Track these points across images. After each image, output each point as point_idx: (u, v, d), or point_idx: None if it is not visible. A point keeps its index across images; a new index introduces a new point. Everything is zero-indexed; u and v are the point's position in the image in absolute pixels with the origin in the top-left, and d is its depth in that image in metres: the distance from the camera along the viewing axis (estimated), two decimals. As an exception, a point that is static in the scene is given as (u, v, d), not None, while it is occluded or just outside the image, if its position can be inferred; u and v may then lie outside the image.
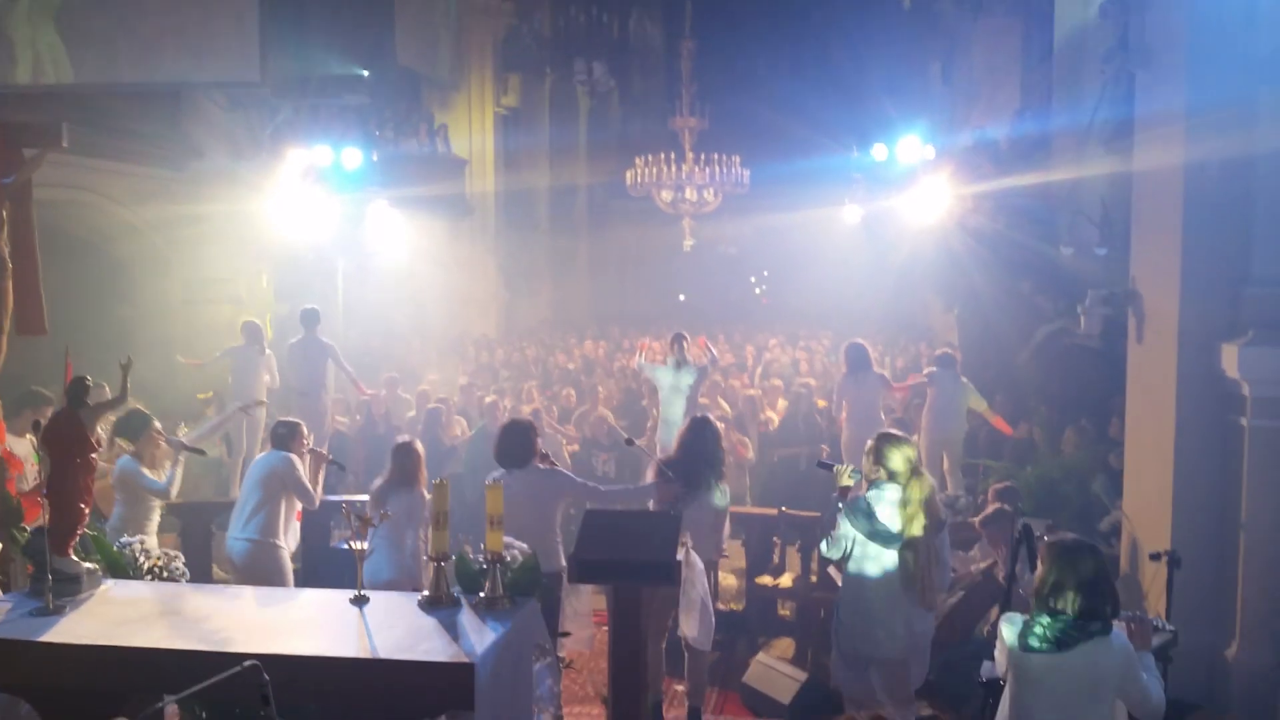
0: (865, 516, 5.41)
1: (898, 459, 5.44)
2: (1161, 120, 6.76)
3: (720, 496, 6.68)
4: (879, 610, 5.40)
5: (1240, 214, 6.28)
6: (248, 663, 3.10)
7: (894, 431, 5.85)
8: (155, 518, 7.36)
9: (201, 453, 7.89)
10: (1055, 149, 12.17)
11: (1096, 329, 7.42)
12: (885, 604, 5.38)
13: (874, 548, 5.38)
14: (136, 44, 8.60)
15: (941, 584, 5.61)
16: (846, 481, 5.59)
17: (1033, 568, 4.21)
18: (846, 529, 5.46)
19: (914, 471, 5.43)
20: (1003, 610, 6.57)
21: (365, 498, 7.29)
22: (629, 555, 5.39)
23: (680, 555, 5.45)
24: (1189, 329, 6.44)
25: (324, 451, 7.61)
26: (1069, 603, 3.74)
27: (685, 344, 10.45)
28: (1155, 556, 5.71)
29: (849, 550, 5.50)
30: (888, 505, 5.40)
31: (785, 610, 8.46)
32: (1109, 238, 7.88)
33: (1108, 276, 8.98)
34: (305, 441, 7.24)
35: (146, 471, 7.13)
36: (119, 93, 9.70)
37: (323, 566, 7.88)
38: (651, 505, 6.67)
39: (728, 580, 9.27)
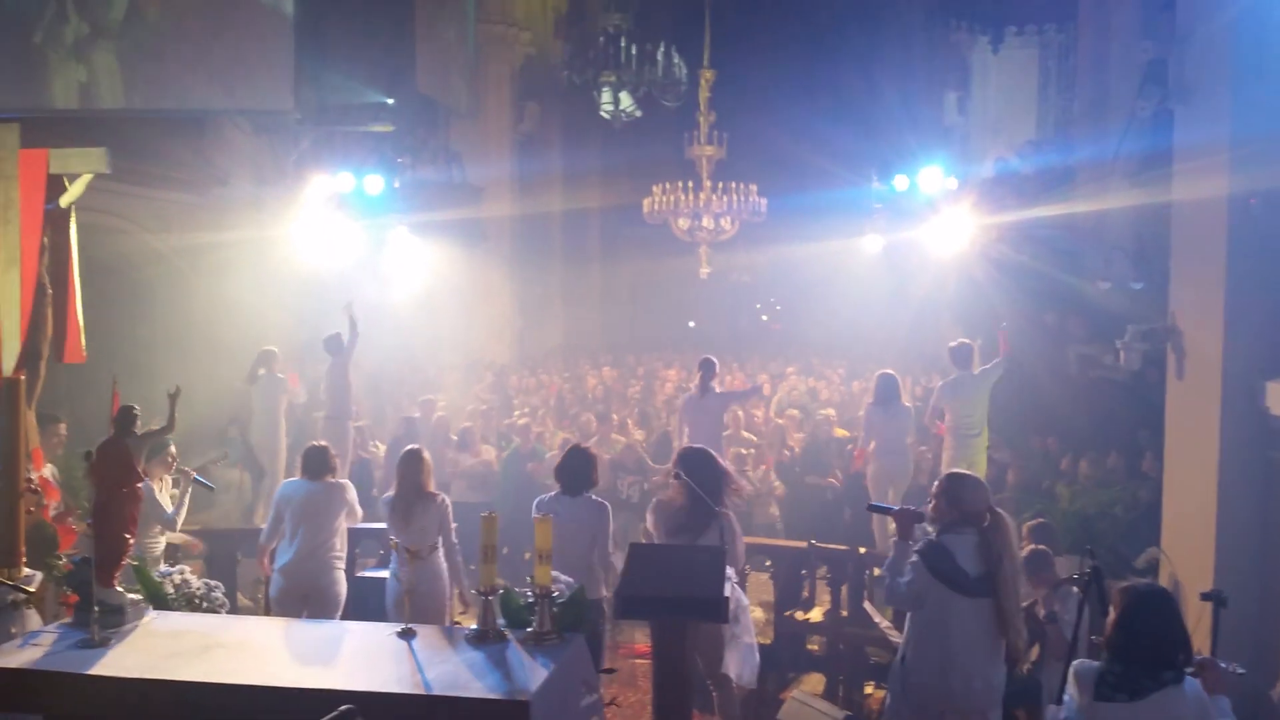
0: (948, 561, 4.98)
1: (976, 500, 5.07)
2: (1202, 153, 6.76)
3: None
4: (961, 660, 4.99)
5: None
6: (344, 707, 3.04)
7: (964, 471, 5.46)
8: (161, 543, 7.34)
9: (210, 488, 7.84)
10: (1079, 180, 12.20)
11: (1136, 364, 7.38)
12: (967, 654, 4.99)
13: (955, 596, 4.95)
14: (172, 71, 8.65)
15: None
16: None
17: (1103, 613, 4.13)
18: (923, 577, 5.00)
19: (992, 513, 5.07)
20: (1044, 650, 6.56)
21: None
22: (675, 590, 5.30)
23: (727, 591, 5.38)
24: (1232, 366, 6.42)
25: (189, 471, 7.45)
26: (1142, 650, 3.67)
27: (713, 374, 10.20)
28: (1206, 596, 5.64)
29: (923, 598, 5.05)
30: (969, 549, 4.99)
31: (814, 645, 8.37)
32: (1145, 272, 7.86)
33: (1140, 310, 8.97)
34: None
35: (158, 496, 7.10)
36: (153, 120, 9.74)
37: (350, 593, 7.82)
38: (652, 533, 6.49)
39: (755, 613, 9.18)
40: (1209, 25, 6.73)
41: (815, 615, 8.27)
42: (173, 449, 7.39)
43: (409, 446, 7.12)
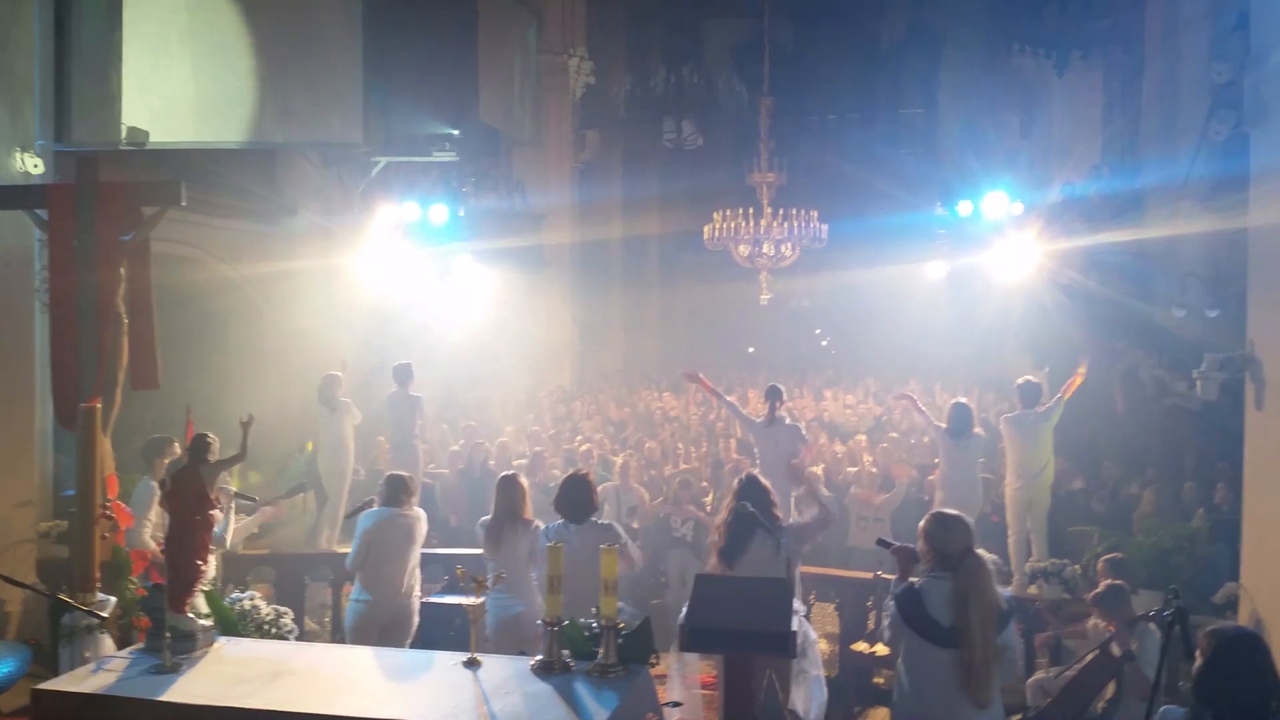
0: (918, 609, 4.76)
1: (953, 543, 4.78)
2: (1280, 178, 6.60)
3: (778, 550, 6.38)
4: (937, 710, 4.74)
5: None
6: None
7: (949, 511, 5.09)
8: (211, 565, 7.46)
9: (251, 500, 7.94)
10: (1148, 205, 11.98)
11: (1213, 395, 7.19)
12: (942, 704, 4.71)
13: (928, 645, 4.71)
14: (244, 105, 8.84)
15: (1007, 676, 4.96)
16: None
17: (1189, 656, 3.98)
18: (895, 623, 4.83)
19: (969, 556, 4.75)
20: (1120, 689, 6.38)
21: (461, 550, 7.28)
22: (743, 624, 5.25)
23: (795, 624, 5.32)
24: (1315, 395, 6.23)
25: (229, 489, 7.51)
26: (1232, 698, 3.53)
27: (780, 401, 10.09)
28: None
29: (901, 645, 4.87)
30: (941, 596, 4.71)
31: (880, 679, 8.24)
32: (1221, 298, 7.67)
33: (1216, 338, 8.75)
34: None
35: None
36: (225, 153, 9.97)
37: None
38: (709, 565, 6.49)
39: (820, 645, 9.07)
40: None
41: (881, 649, 8.13)
42: (176, 445, 7.60)
43: (506, 472, 7.19)
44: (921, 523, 5.01)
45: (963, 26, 21.28)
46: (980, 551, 4.88)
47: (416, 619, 7.01)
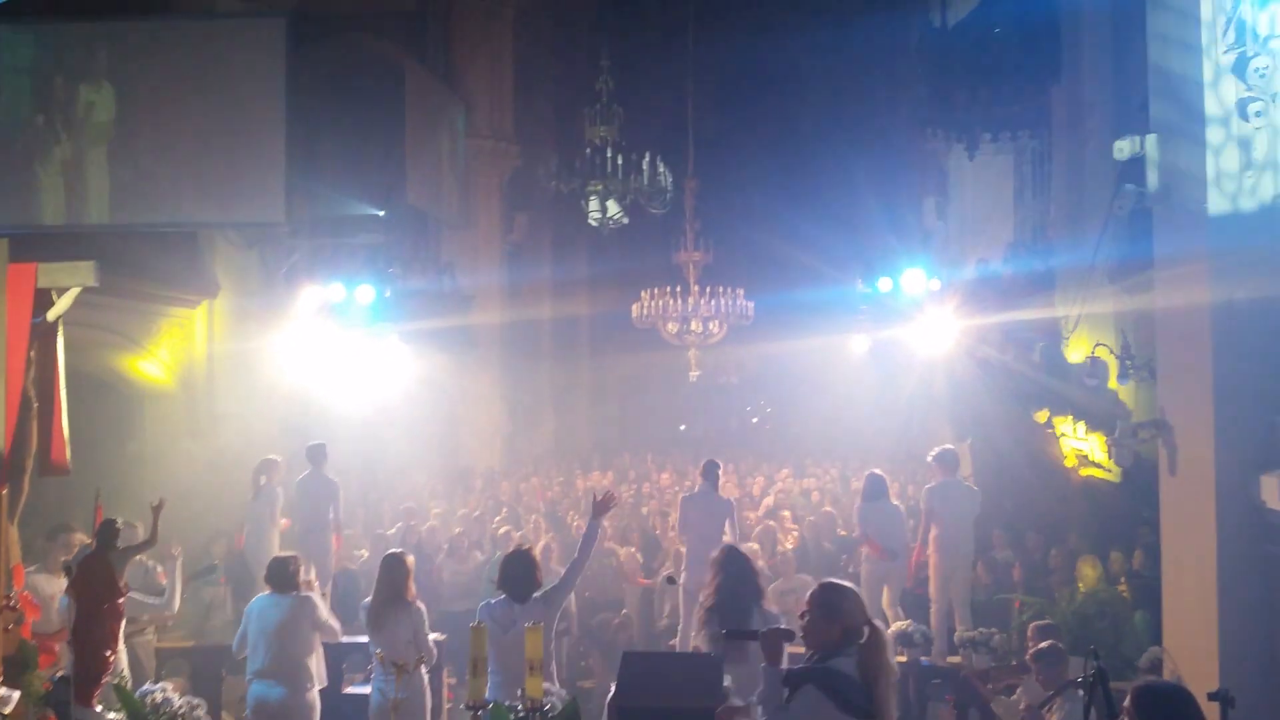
0: (850, 687, 4.25)
1: (855, 613, 4.38)
2: (1182, 259, 6.84)
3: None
4: None
5: (1273, 345, 6.31)
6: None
7: (837, 581, 4.64)
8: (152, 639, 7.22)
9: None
10: (1059, 283, 12.35)
11: (1127, 461, 7.36)
12: None
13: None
14: (163, 185, 8.75)
15: None
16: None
17: (1110, 717, 3.98)
18: (823, 709, 4.22)
19: (870, 627, 4.40)
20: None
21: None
22: (672, 700, 5.19)
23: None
24: (1225, 461, 6.40)
25: (176, 551, 7.47)
26: None
27: (717, 472, 10.01)
28: (1214, 696, 5.52)
29: None
30: (852, 670, 4.28)
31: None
32: (1132, 368, 7.91)
33: (1125, 407, 9.00)
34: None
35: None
36: (144, 233, 9.84)
37: (335, 711, 7.60)
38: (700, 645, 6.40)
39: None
40: (1183, 125, 6.89)
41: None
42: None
43: (390, 550, 7.02)
44: (810, 595, 4.51)
45: (880, 111, 22.03)
46: (904, 622, 4.85)
47: (310, 711, 6.65)
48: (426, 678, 6.54)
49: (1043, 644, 6.58)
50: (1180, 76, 6.95)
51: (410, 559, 6.85)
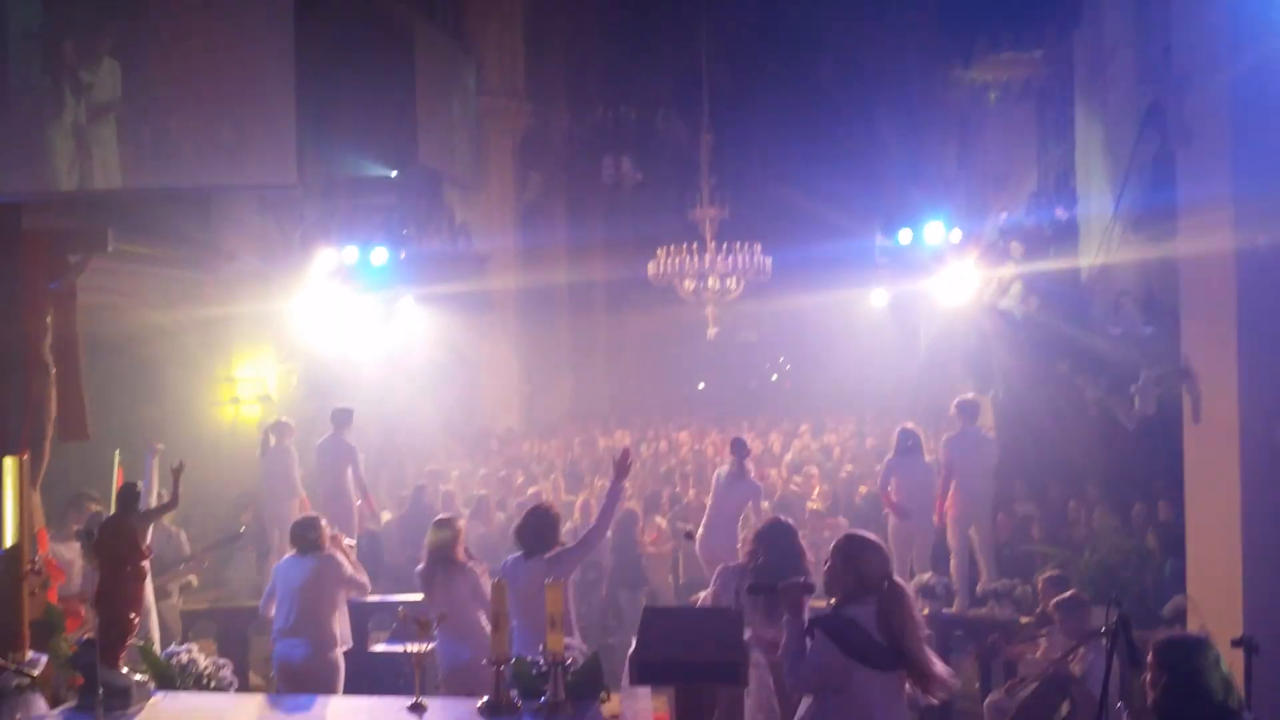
0: (861, 636, 4.28)
1: (876, 565, 4.38)
2: (1207, 205, 6.73)
3: None
4: None
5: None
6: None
7: (863, 533, 4.66)
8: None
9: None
10: (1082, 232, 12.19)
11: (1151, 409, 7.28)
12: None
13: (871, 672, 4.26)
14: (175, 148, 8.68)
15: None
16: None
17: (1135, 664, 3.94)
18: (834, 656, 4.25)
19: (890, 580, 4.37)
20: (1073, 711, 6.37)
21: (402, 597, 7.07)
22: (693, 654, 5.16)
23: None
24: (1249, 407, 6.33)
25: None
26: (1193, 707, 3.47)
27: (746, 452, 9.92)
28: (1237, 643, 5.49)
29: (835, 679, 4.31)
30: (871, 621, 4.29)
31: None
32: (1155, 316, 7.81)
33: (1152, 355, 8.88)
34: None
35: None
36: (158, 197, 9.80)
37: (363, 670, 7.65)
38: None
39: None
40: (1207, 72, 6.74)
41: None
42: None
43: (439, 516, 6.99)
44: (833, 546, 4.54)
45: (899, 60, 21.69)
46: (925, 575, 4.81)
47: (334, 671, 6.61)
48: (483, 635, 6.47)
49: (1065, 594, 6.55)
50: (1203, 20, 6.79)
51: (460, 522, 6.80)
